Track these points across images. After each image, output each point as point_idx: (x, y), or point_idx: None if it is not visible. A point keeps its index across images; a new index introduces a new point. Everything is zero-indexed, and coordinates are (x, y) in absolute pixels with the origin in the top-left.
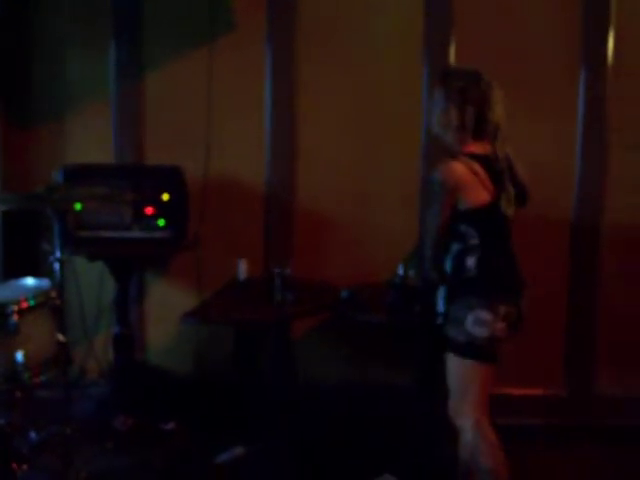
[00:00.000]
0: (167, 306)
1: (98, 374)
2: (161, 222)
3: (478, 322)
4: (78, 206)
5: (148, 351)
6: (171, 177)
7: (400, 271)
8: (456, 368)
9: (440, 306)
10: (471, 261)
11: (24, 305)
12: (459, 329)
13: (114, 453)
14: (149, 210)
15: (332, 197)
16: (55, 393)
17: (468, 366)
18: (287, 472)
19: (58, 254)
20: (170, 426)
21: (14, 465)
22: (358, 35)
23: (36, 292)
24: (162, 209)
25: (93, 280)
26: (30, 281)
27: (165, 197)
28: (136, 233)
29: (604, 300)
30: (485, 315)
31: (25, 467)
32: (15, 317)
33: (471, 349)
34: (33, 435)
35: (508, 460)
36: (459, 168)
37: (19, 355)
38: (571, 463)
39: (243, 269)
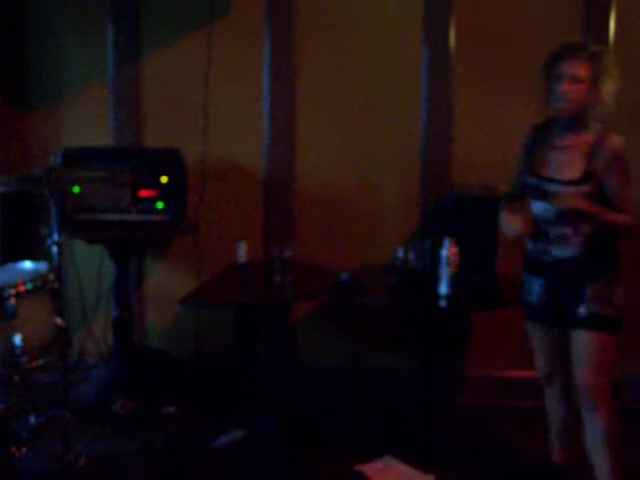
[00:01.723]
0: (166, 289)
1: (97, 358)
2: (160, 205)
3: (621, 295)
4: (76, 189)
5: (147, 334)
6: (170, 160)
7: (400, 254)
8: (606, 344)
9: (443, 289)
10: (605, 239)
11: (22, 289)
12: (608, 303)
13: (114, 437)
14: (148, 193)
15: (331, 180)
16: (54, 377)
17: (614, 340)
18: (285, 455)
19: (56, 237)
20: (170, 410)
21: (13, 449)
22: (358, 18)
23: (34, 275)
24: (161, 192)
25: (92, 263)
26: (28, 264)
27: (164, 180)
28: (134, 216)
29: None
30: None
31: (24, 451)
32: (13, 301)
33: (620, 322)
34: (32, 419)
35: None
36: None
37: (17, 339)
38: None
39: (242, 252)
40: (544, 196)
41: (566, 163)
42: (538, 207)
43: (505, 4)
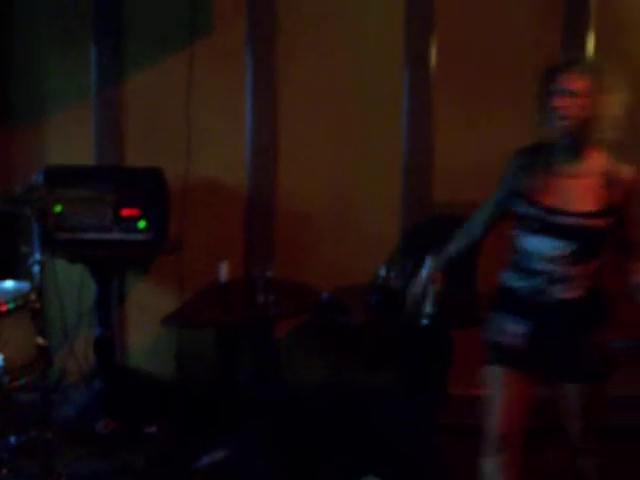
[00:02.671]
0: (148, 308)
1: (79, 377)
2: (142, 224)
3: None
4: (58, 208)
5: (129, 354)
6: (152, 179)
7: (382, 273)
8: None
9: (425, 307)
10: (609, 280)
11: (3, 308)
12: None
13: (95, 457)
14: (130, 212)
15: (313, 199)
16: (35, 397)
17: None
18: (268, 474)
19: (38, 256)
20: (152, 429)
21: None
22: (339, 38)
23: (15, 295)
24: (143, 211)
25: (73, 282)
26: (9, 284)
27: (146, 199)
28: (116, 235)
29: None
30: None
31: (4, 472)
32: None
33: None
34: (13, 439)
35: None
36: None
37: None
38: None
39: (224, 271)
40: (549, 230)
41: (577, 193)
42: (537, 242)
43: (485, 22)
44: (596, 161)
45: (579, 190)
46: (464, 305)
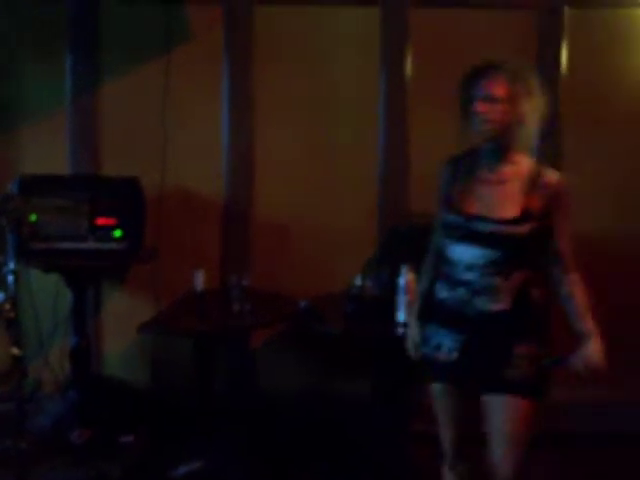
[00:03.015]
0: (124, 318)
1: (54, 387)
2: (117, 233)
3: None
4: (33, 217)
5: (105, 363)
6: (128, 188)
7: (358, 281)
8: (531, 413)
9: (400, 316)
10: (536, 291)
11: None
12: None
13: (70, 467)
14: (105, 221)
15: (290, 208)
16: (10, 407)
17: (538, 411)
18: None
19: (12, 266)
20: (128, 439)
21: None
22: (316, 48)
23: None
24: (118, 220)
25: (48, 292)
26: None
27: (122, 208)
28: (92, 244)
29: None
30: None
31: None
32: None
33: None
34: None
35: None
36: None
37: None
38: None
39: (200, 280)
40: (472, 238)
41: (501, 199)
42: (460, 251)
43: (460, 34)
44: (520, 166)
45: (500, 196)
46: None
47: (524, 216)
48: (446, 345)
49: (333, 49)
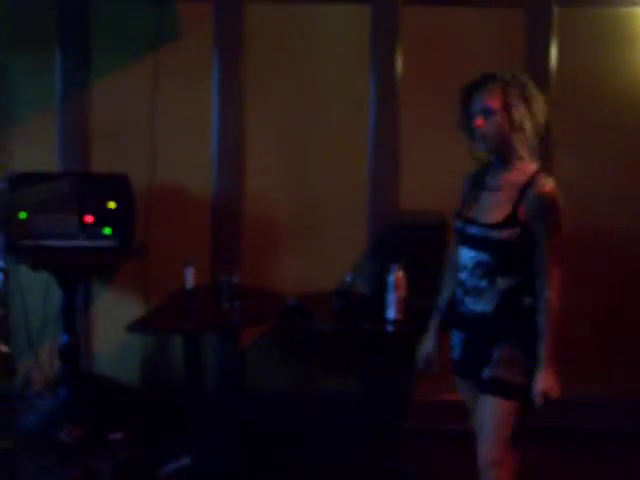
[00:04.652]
0: (114, 315)
1: (44, 385)
2: (107, 231)
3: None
4: (23, 215)
5: (95, 361)
6: (117, 185)
7: (348, 279)
8: (510, 414)
9: (389, 314)
10: (528, 299)
11: None
12: (518, 369)
13: (60, 465)
14: (95, 219)
15: (280, 205)
16: None
17: (521, 411)
18: None
19: (1, 263)
20: (117, 436)
21: None
22: (306, 48)
23: None
24: (108, 217)
25: (38, 289)
26: None
27: (111, 205)
28: (82, 242)
29: None
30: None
31: None
32: None
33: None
34: None
35: None
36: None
37: None
38: None
39: (190, 278)
40: (466, 240)
41: (492, 205)
42: (461, 253)
43: (449, 33)
44: (518, 174)
45: (492, 202)
46: (430, 312)
47: (507, 222)
48: (455, 343)
49: (323, 47)
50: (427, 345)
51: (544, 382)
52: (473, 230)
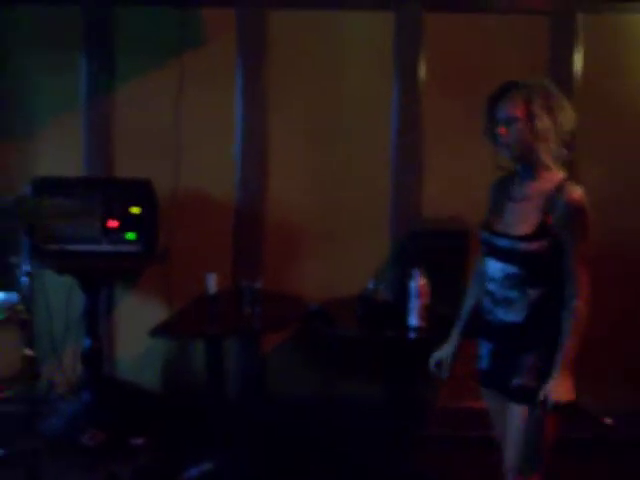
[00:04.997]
0: (137, 320)
1: (66, 389)
2: (131, 236)
3: None
4: (47, 219)
5: (117, 365)
6: (141, 190)
7: (370, 285)
8: (539, 423)
9: (411, 320)
10: (558, 307)
11: None
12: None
13: (82, 469)
14: (119, 223)
15: (302, 211)
16: (22, 408)
17: (550, 421)
18: None
19: (26, 268)
20: (139, 441)
21: None
22: (329, 54)
23: (3, 306)
24: (132, 223)
25: (62, 294)
26: None
27: (135, 210)
28: (105, 247)
29: None
30: None
31: None
32: None
33: None
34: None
35: None
36: None
37: None
38: None
39: (213, 283)
40: (494, 252)
41: (520, 217)
42: (489, 264)
43: (473, 39)
44: (544, 183)
45: (519, 213)
46: (452, 319)
47: (537, 233)
48: (484, 354)
49: (347, 53)
50: (444, 351)
51: (556, 388)
52: (501, 242)
